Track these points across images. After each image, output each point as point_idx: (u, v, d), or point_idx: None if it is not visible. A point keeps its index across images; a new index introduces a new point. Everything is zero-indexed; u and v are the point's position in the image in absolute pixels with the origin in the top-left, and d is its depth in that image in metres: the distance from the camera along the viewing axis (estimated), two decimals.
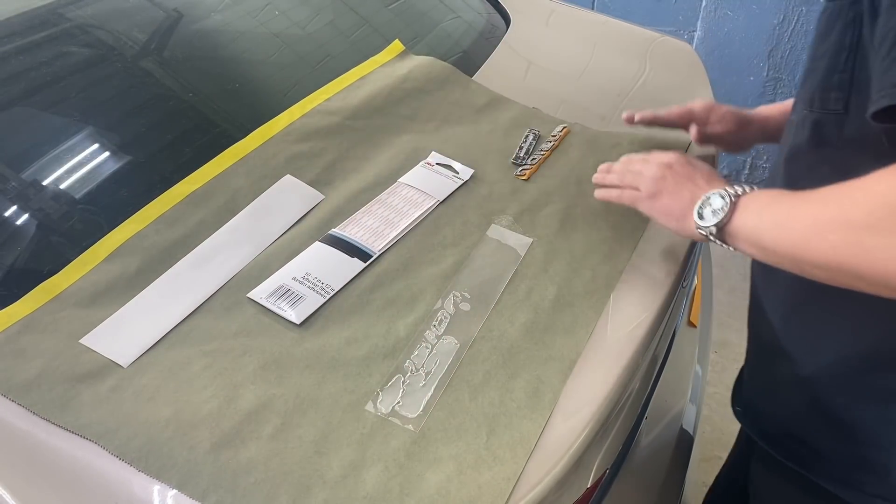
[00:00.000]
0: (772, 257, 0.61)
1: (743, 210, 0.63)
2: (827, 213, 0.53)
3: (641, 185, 0.75)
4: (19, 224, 0.78)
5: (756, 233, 0.61)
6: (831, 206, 0.53)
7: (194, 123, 0.93)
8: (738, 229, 0.63)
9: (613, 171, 0.81)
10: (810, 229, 0.54)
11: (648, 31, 1.27)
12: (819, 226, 0.53)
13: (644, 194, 0.74)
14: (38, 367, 0.64)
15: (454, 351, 0.68)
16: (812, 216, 0.55)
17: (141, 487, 0.57)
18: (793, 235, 0.56)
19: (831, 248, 0.52)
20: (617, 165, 0.81)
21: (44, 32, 0.96)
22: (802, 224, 0.55)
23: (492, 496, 0.56)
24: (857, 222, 0.50)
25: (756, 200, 0.63)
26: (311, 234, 0.80)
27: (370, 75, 1.04)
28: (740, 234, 0.63)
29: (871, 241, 0.49)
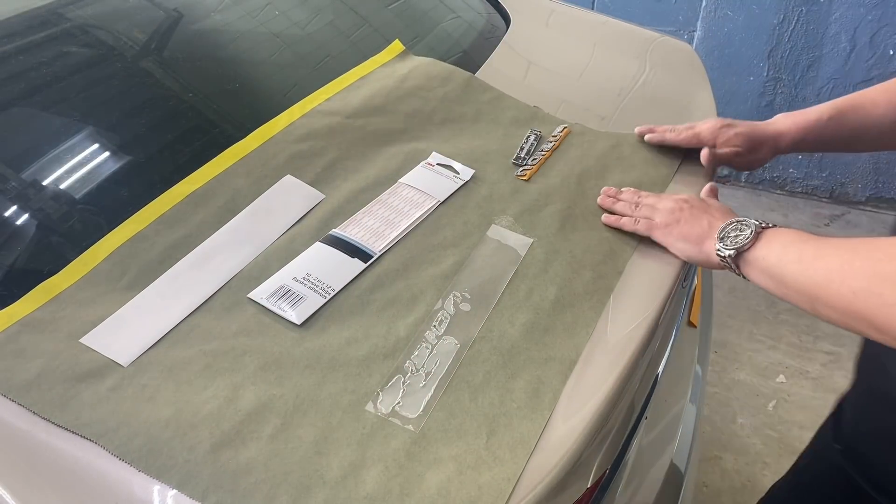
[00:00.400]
0: (784, 292, 0.62)
1: (767, 241, 0.65)
2: (856, 261, 0.54)
3: (656, 217, 0.78)
4: (19, 224, 0.78)
5: (778, 266, 0.63)
6: (861, 254, 0.54)
7: (194, 123, 0.93)
8: (758, 259, 0.65)
9: (622, 199, 0.83)
10: (835, 272, 0.56)
11: (648, 31, 1.27)
12: (844, 271, 0.55)
13: (659, 223, 0.77)
14: (38, 367, 0.64)
15: (454, 351, 0.68)
16: (839, 260, 0.56)
17: (141, 487, 0.57)
18: (815, 275, 0.58)
19: (852, 294, 0.54)
20: (625, 194, 0.83)
21: (44, 32, 0.96)
22: (827, 266, 0.57)
23: (492, 496, 0.56)
24: (884, 275, 0.51)
25: (781, 235, 0.65)
26: (311, 234, 0.80)
27: (370, 75, 1.04)
28: (759, 265, 0.65)
29: (893, 295, 0.51)
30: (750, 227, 0.67)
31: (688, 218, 0.76)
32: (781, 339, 1.94)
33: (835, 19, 2.15)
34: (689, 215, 0.76)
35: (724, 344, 1.93)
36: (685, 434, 1.03)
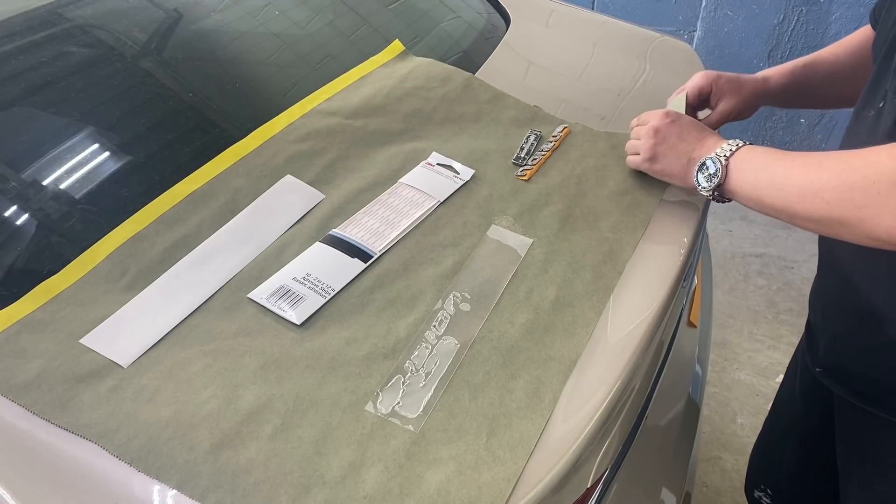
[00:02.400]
0: (767, 211, 0.70)
1: (737, 172, 0.73)
2: (823, 176, 0.62)
3: (641, 150, 0.85)
4: (19, 224, 0.78)
5: (754, 192, 0.71)
6: (828, 168, 0.62)
7: (194, 123, 0.93)
8: (734, 189, 0.74)
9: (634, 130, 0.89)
10: (807, 189, 0.63)
11: (648, 31, 1.27)
12: (816, 186, 0.63)
13: (643, 159, 0.84)
14: (38, 367, 0.64)
15: (454, 351, 0.68)
16: (809, 178, 0.63)
17: (141, 487, 0.57)
18: (790, 194, 0.66)
19: (825, 204, 0.62)
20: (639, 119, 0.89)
21: (44, 32, 0.96)
22: (799, 184, 0.65)
23: (492, 496, 0.56)
24: (851, 183, 0.60)
25: (749, 161, 0.73)
26: (311, 234, 0.80)
27: (370, 75, 1.04)
28: (737, 193, 0.74)
29: (862, 199, 0.59)
30: (717, 163, 0.75)
31: (664, 152, 0.82)
32: (781, 339, 1.94)
33: (835, 19, 2.15)
34: (664, 148, 0.82)
35: (724, 344, 1.93)
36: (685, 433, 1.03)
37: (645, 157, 0.84)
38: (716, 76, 0.92)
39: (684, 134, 0.82)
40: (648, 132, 0.83)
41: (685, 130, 0.82)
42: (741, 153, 0.74)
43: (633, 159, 0.87)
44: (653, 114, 0.86)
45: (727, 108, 0.92)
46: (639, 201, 0.87)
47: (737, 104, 0.92)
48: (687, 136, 0.81)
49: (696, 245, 0.87)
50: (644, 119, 0.87)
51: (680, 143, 0.81)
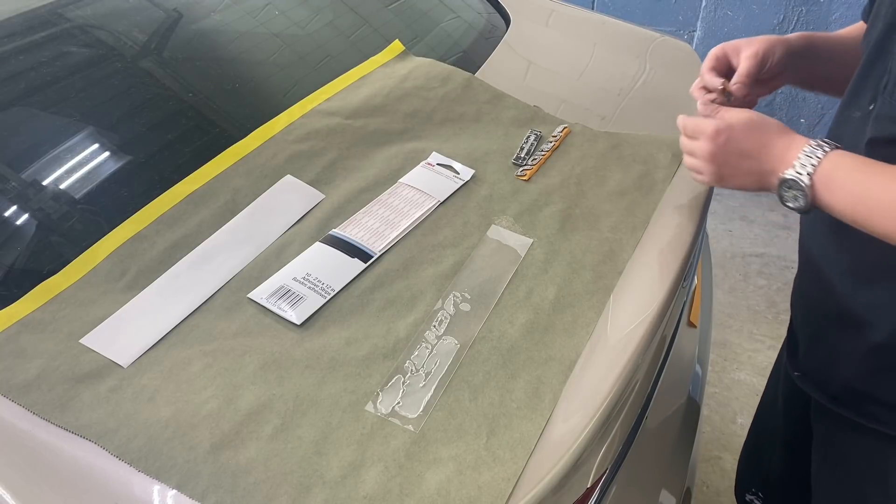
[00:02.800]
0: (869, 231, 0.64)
1: (827, 192, 0.65)
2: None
3: (704, 174, 0.75)
4: (19, 224, 0.78)
5: (850, 214, 0.65)
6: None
7: (194, 123, 0.93)
8: (825, 207, 0.66)
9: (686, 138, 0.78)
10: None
11: (648, 31, 1.27)
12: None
13: (709, 178, 0.75)
14: (38, 367, 0.64)
15: (454, 351, 0.68)
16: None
17: (141, 487, 0.57)
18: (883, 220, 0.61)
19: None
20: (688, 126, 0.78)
21: (44, 32, 0.96)
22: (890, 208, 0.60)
23: (492, 496, 0.56)
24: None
25: (839, 179, 0.64)
26: (311, 234, 0.80)
27: (370, 75, 1.04)
28: (830, 210, 0.66)
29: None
30: (802, 180, 0.65)
31: (731, 174, 0.72)
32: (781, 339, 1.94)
33: (835, 19, 2.15)
34: (729, 171, 0.72)
35: (724, 344, 1.93)
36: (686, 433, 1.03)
37: (711, 179, 0.75)
38: (722, 45, 0.82)
39: (745, 149, 0.70)
40: (705, 156, 0.73)
41: (745, 143, 0.71)
42: (827, 166, 0.65)
43: (700, 178, 0.77)
44: (700, 128, 0.73)
45: (752, 52, 0.79)
46: (639, 201, 0.87)
47: (759, 44, 0.79)
48: (749, 149, 0.70)
49: (696, 245, 0.86)
50: (691, 130, 0.75)
51: (744, 161, 0.71)
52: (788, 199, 0.67)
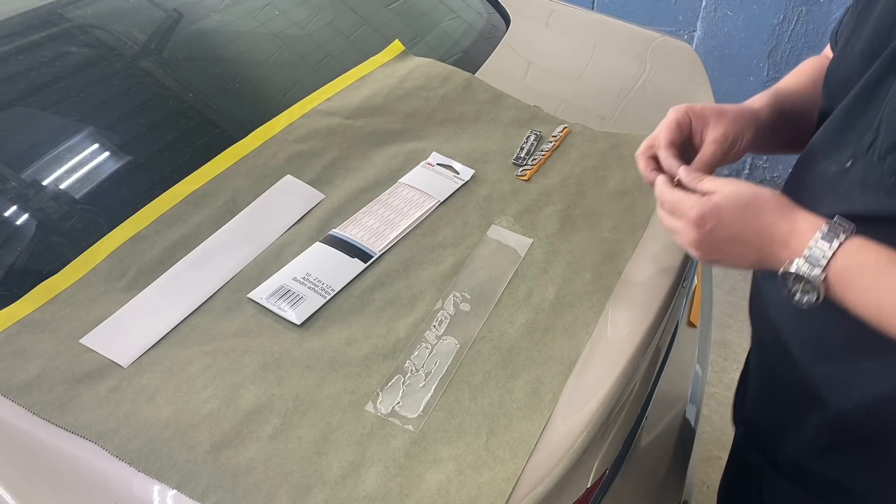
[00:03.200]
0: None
1: (842, 291, 0.55)
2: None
3: (691, 250, 0.63)
4: (19, 224, 0.78)
5: (859, 314, 0.55)
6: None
7: (194, 123, 0.93)
8: (838, 300, 0.56)
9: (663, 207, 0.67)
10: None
11: (648, 31, 1.27)
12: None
13: (701, 257, 0.64)
14: (38, 367, 0.64)
15: (454, 351, 0.68)
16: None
17: (141, 487, 0.57)
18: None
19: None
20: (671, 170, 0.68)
21: (44, 32, 0.96)
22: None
23: (492, 496, 0.56)
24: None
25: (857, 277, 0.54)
26: (311, 234, 0.80)
27: (370, 75, 1.04)
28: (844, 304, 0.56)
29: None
30: (813, 273, 0.55)
31: (723, 258, 0.62)
32: None
33: (834, 19, 2.15)
34: (721, 256, 0.62)
35: (724, 344, 1.92)
36: (686, 432, 1.03)
37: (702, 257, 0.63)
38: (687, 105, 0.71)
39: (738, 235, 0.59)
40: (689, 242, 0.62)
41: (736, 228, 0.59)
42: (844, 261, 0.54)
43: (693, 255, 0.65)
44: (681, 209, 0.62)
45: (720, 134, 0.69)
46: (639, 201, 0.87)
47: (728, 127, 0.69)
48: (743, 235, 0.59)
49: None
50: (670, 207, 0.64)
51: (737, 247, 0.60)
52: (795, 292, 0.56)
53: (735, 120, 0.70)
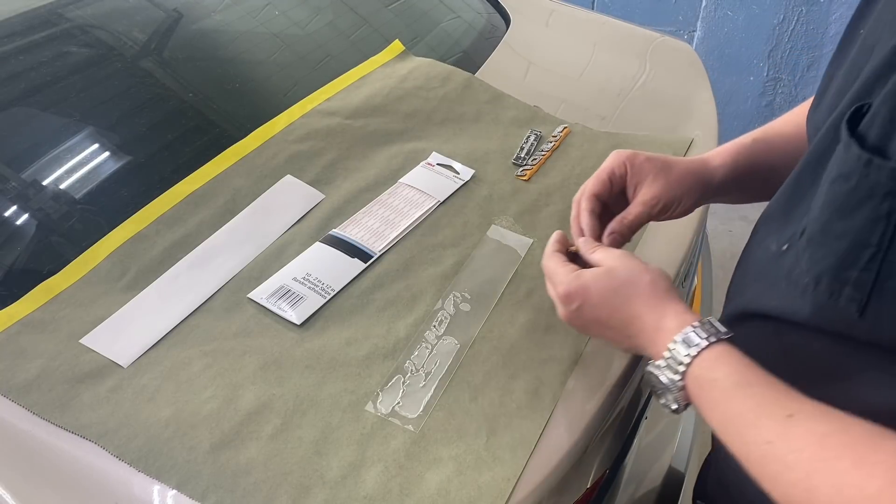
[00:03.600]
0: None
1: (697, 398, 0.51)
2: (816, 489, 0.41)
3: (566, 321, 0.61)
4: (19, 224, 0.78)
5: (718, 431, 0.49)
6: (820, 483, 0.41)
7: (194, 123, 0.93)
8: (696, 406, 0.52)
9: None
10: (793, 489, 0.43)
11: (648, 31, 1.27)
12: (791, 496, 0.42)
13: (577, 328, 0.61)
14: (38, 367, 0.64)
15: (454, 351, 0.68)
16: (798, 499, 0.42)
17: (141, 487, 0.57)
18: (769, 489, 0.45)
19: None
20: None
21: (44, 32, 0.96)
22: (782, 492, 0.43)
23: (492, 496, 0.56)
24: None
25: (711, 390, 0.49)
26: (311, 234, 0.80)
27: (370, 75, 1.04)
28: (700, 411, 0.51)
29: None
30: (672, 378, 0.51)
31: (594, 331, 0.60)
32: None
33: (835, 19, 2.15)
34: (591, 329, 0.60)
35: None
36: (685, 434, 1.03)
37: (577, 328, 0.61)
38: (631, 154, 0.65)
39: (603, 320, 0.57)
40: (561, 308, 0.60)
41: (602, 312, 0.57)
42: (699, 369, 0.50)
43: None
44: (553, 281, 0.61)
45: (650, 197, 0.64)
46: None
47: (663, 190, 0.64)
48: (608, 320, 0.57)
49: (696, 245, 0.86)
50: (548, 275, 0.62)
51: (607, 331, 0.58)
52: (660, 395, 0.53)
53: (678, 182, 0.65)
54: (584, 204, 0.66)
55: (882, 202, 0.41)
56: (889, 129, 0.41)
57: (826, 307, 0.46)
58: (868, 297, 0.43)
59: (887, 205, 0.41)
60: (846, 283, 0.44)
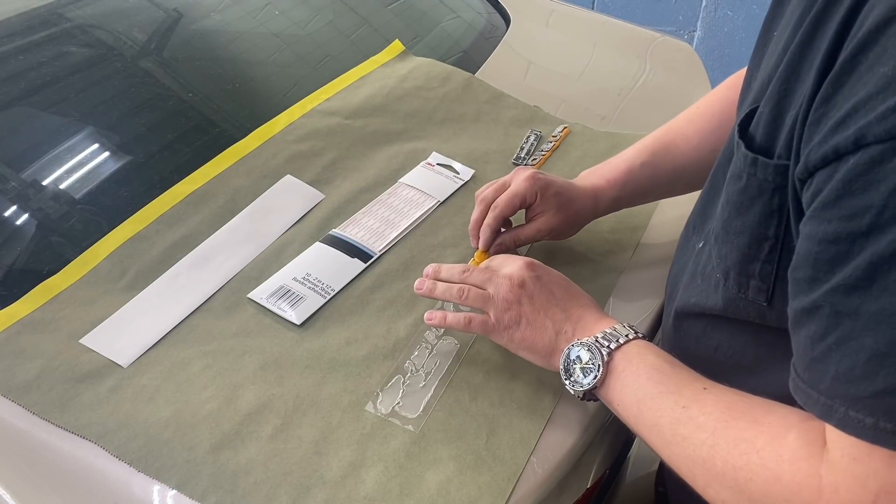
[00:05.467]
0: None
1: (618, 381, 0.55)
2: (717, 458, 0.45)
3: (492, 310, 0.61)
4: (19, 224, 0.78)
5: (632, 418, 0.54)
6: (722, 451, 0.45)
7: (194, 123, 0.93)
8: (610, 400, 0.56)
9: (443, 277, 0.66)
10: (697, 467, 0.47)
11: (648, 31, 1.27)
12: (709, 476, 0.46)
13: (496, 324, 0.61)
14: (37, 367, 0.64)
15: (454, 351, 0.68)
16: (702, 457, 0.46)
17: (141, 487, 0.57)
18: (673, 459, 0.50)
19: (720, 501, 0.46)
20: (444, 272, 0.66)
21: (44, 32, 0.96)
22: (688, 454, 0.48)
23: (492, 496, 0.56)
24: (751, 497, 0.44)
25: (636, 373, 0.54)
26: (311, 234, 0.80)
27: (370, 75, 1.04)
28: (612, 405, 0.56)
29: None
30: (600, 352, 0.55)
31: (529, 318, 0.60)
32: None
33: None
34: (530, 313, 0.60)
35: None
36: None
37: (498, 318, 0.61)
38: (545, 184, 0.71)
39: (556, 297, 0.61)
40: (510, 287, 0.61)
41: (557, 291, 0.61)
42: (632, 349, 0.55)
43: (478, 323, 0.62)
44: (508, 259, 0.64)
45: (546, 227, 0.72)
46: None
47: (561, 224, 0.73)
48: (559, 300, 0.60)
49: None
50: (479, 268, 0.65)
51: (552, 307, 0.60)
52: (578, 370, 0.57)
53: (574, 217, 0.74)
54: (491, 222, 0.72)
55: (772, 197, 0.45)
56: (772, 129, 0.45)
57: (736, 299, 0.51)
58: (773, 285, 0.48)
59: (777, 199, 0.45)
60: (752, 276, 0.49)
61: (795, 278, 0.41)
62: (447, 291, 0.64)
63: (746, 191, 0.47)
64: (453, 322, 0.63)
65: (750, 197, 0.47)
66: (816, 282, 0.39)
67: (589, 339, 0.57)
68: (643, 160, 0.74)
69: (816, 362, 0.39)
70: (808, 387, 0.40)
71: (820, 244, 0.38)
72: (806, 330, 0.40)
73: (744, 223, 0.48)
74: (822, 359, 0.39)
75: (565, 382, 0.58)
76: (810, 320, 0.40)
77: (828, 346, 0.38)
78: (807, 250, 0.39)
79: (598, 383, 0.55)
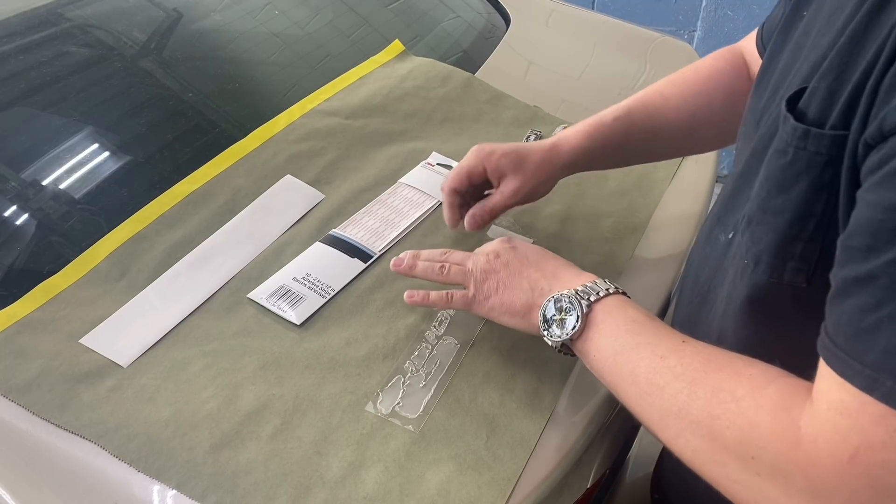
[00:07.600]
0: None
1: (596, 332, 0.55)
2: (693, 408, 0.45)
3: (472, 283, 0.64)
4: (19, 224, 0.78)
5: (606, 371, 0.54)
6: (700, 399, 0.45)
7: (194, 123, 0.93)
8: (586, 351, 0.56)
9: (424, 257, 0.68)
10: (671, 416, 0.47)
11: (648, 31, 1.27)
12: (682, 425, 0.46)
13: (476, 294, 0.64)
14: (37, 367, 0.64)
15: (454, 351, 0.68)
16: (678, 406, 0.46)
17: (140, 487, 0.57)
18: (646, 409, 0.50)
19: (690, 451, 0.46)
20: (425, 253, 0.69)
21: (44, 32, 0.96)
22: (663, 404, 0.48)
23: (492, 496, 0.56)
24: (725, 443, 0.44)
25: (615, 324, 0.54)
26: (311, 234, 0.80)
27: (370, 75, 1.04)
28: (588, 358, 0.56)
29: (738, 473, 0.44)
30: (579, 302, 0.56)
31: (506, 282, 0.62)
32: None
33: None
34: (506, 278, 0.62)
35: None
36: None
37: (477, 289, 0.63)
38: (488, 152, 0.72)
39: (531, 259, 0.63)
40: (487, 256, 0.64)
41: (532, 255, 0.63)
42: (612, 301, 0.56)
43: (459, 298, 0.65)
44: (486, 245, 0.67)
45: (510, 190, 0.72)
46: (638, 201, 0.87)
47: (522, 183, 0.72)
48: (533, 261, 0.62)
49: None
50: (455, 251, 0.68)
51: (527, 268, 0.62)
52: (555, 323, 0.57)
53: (533, 174, 0.72)
54: (444, 198, 0.75)
55: (823, 171, 0.43)
56: (828, 103, 0.43)
57: (766, 286, 0.49)
58: (814, 265, 0.46)
59: (829, 173, 0.43)
60: (790, 258, 0.47)
61: (848, 245, 0.39)
62: (428, 269, 0.67)
63: (792, 166, 0.45)
64: (435, 299, 0.66)
65: (795, 173, 0.45)
66: (874, 251, 0.37)
67: (569, 291, 0.57)
68: (616, 115, 0.74)
69: (864, 333, 0.38)
70: (851, 358, 0.38)
71: (886, 212, 0.37)
72: (855, 300, 0.38)
73: (785, 202, 0.46)
74: (872, 330, 0.37)
75: (543, 333, 0.58)
76: (862, 290, 0.38)
77: (879, 317, 0.37)
78: (867, 218, 0.38)
79: (577, 334, 0.55)
